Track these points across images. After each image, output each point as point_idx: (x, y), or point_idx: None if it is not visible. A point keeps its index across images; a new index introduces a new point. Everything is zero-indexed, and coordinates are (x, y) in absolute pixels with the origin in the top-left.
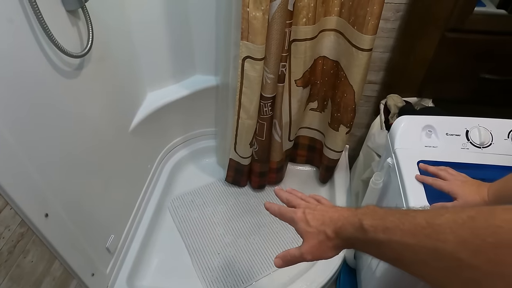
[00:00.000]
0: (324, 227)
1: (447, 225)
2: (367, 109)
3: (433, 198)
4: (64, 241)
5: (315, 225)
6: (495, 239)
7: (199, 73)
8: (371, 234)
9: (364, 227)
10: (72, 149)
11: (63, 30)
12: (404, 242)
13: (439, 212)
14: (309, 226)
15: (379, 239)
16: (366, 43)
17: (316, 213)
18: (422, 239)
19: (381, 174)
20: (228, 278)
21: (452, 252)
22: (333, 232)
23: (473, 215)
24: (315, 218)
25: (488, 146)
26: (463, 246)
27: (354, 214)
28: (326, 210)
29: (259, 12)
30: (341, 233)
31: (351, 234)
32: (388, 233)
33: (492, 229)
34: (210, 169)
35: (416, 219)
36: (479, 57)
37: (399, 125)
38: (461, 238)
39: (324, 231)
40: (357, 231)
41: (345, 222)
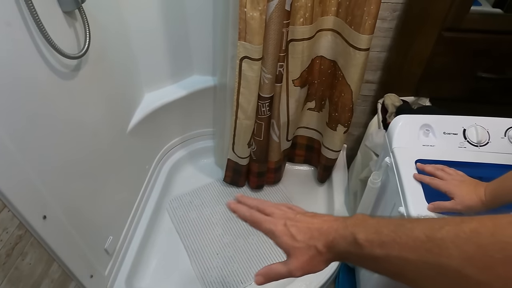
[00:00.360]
0: (313, 241)
1: (449, 240)
2: (364, 109)
3: (431, 197)
4: (62, 243)
5: (302, 240)
6: (503, 255)
7: (196, 74)
8: (367, 249)
9: (358, 241)
10: (70, 151)
11: (60, 31)
12: (403, 257)
13: (438, 224)
14: (295, 241)
15: (376, 254)
16: (363, 43)
17: (300, 225)
18: (424, 254)
19: (379, 174)
20: (227, 278)
21: (457, 268)
22: (324, 247)
23: (476, 228)
24: (301, 231)
25: (485, 145)
26: (470, 262)
27: (345, 226)
28: (310, 222)
29: (257, 12)
30: (333, 247)
31: (344, 249)
32: (386, 248)
33: (500, 245)
34: (208, 169)
35: (414, 232)
36: (475, 56)
37: (396, 124)
38: (467, 254)
39: (315, 245)
40: (350, 245)
41: (337, 235)
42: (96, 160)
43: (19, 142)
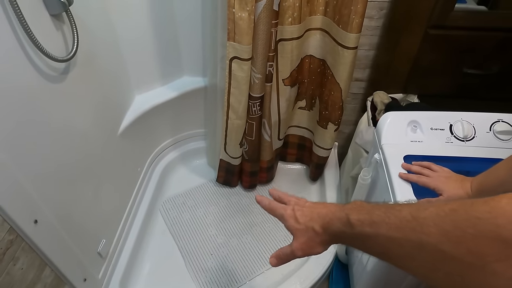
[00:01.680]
0: (312, 223)
1: (430, 218)
2: (354, 106)
3: (420, 193)
4: (54, 247)
5: (303, 222)
6: (475, 230)
7: (186, 75)
8: (358, 228)
9: (351, 221)
10: (60, 154)
11: (47, 34)
12: (390, 236)
13: (424, 205)
14: (298, 223)
15: (365, 233)
16: (351, 41)
17: (305, 209)
18: (408, 233)
19: (369, 170)
20: (222, 278)
21: (435, 244)
22: (320, 228)
23: (455, 207)
24: (304, 214)
25: (471, 139)
26: (446, 238)
27: (342, 209)
28: (314, 207)
29: (245, 13)
30: (328, 228)
31: (338, 229)
32: (375, 227)
33: (472, 220)
34: (200, 170)
35: (402, 212)
36: (461, 52)
37: (385, 121)
38: (444, 230)
39: (312, 227)
40: (344, 225)
41: (333, 217)
42: (87, 163)
43: (7, 147)
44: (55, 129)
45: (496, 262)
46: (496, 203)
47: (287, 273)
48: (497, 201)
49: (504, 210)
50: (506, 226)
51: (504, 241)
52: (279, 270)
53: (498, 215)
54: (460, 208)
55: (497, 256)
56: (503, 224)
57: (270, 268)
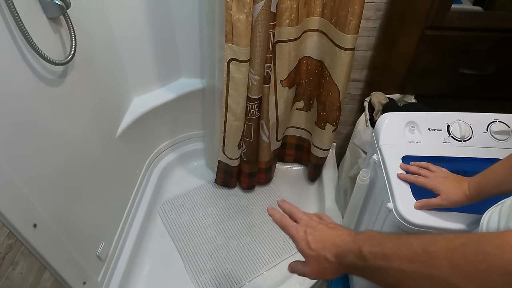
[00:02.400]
0: (324, 251)
1: (441, 252)
2: (352, 107)
3: (418, 194)
4: (53, 251)
5: (315, 249)
6: (485, 266)
7: (184, 77)
8: (370, 261)
9: (363, 254)
10: (58, 158)
11: (45, 37)
12: (402, 269)
13: (435, 239)
14: (310, 249)
15: (378, 266)
16: (348, 43)
17: (317, 234)
18: (419, 266)
19: (368, 171)
20: (221, 280)
21: (446, 278)
22: (333, 257)
23: (464, 241)
24: (316, 240)
25: (469, 140)
26: (456, 272)
27: (354, 240)
28: (327, 233)
29: (243, 15)
30: (341, 259)
31: (351, 261)
32: (387, 260)
33: (482, 256)
34: (199, 171)
35: (413, 245)
36: (458, 53)
37: (383, 122)
38: (454, 264)
39: (325, 256)
40: (356, 258)
41: (345, 248)
42: (86, 166)
43: (5, 151)
44: (53, 132)
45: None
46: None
47: (287, 274)
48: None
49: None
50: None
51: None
52: (279, 272)
53: (506, 251)
54: (470, 243)
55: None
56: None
57: (268, 270)
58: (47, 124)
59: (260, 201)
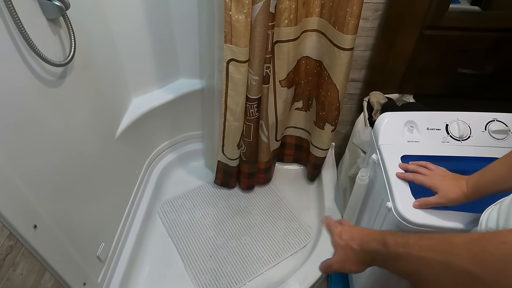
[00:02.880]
0: (352, 241)
1: (461, 242)
2: (351, 107)
3: (418, 193)
4: (54, 252)
5: (345, 239)
6: (500, 253)
7: (183, 77)
8: (392, 248)
9: (386, 241)
10: (58, 159)
11: (44, 39)
12: (421, 256)
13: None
14: (340, 239)
15: (398, 252)
16: (347, 43)
17: (350, 229)
18: (437, 254)
19: (367, 170)
20: (221, 280)
21: (462, 265)
22: (358, 246)
23: (483, 234)
24: (347, 233)
25: (467, 139)
26: (472, 260)
27: (380, 232)
28: (359, 229)
29: (242, 15)
30: (365, 247)
31: (373, 248)
32: (408, 247)
33: (498, 244)
34: (198, 172)
35: (434, 237)
36: (456, 52)
37: (382, 121)
38: (472, 252)
39: (351, 245)
40: (379, 245)
41: (370, 238)
42: (85, 167)
43: (5, 151)
44: (53, 134)
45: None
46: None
47: (286, 274)
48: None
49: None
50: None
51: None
52: (279, 271)
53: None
54: (488, 235)
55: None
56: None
57: (269, 269)
58: (47, 125)
59: (259, 201)
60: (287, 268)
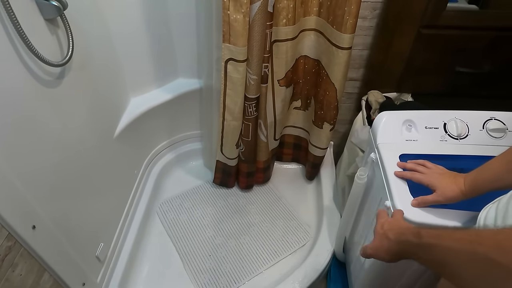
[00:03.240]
0: (389, 232)
1: (488, 234)
2: (349, 106)
3: (416, 191)
4: (52, 252)
5: (385, 229)
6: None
7: (181, 77)
8: (425, 239)
9: (421, 233)
10: (57, 159)
11: (42, 39)
12: (450, 246)
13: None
14: (381, 229)
15: (429, 243)
16: (345, 42)
17: (393, 221)
18: (465, 244)
19: (365, 169)
20: (220, 279)
21: (485, 253)
22: (393, 236)
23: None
24: (389, 223)
25: (465, 138)
26: (496, 247)
27: (417, 227)
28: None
29: (240, 15)
30: (399, 237)
31: (406, 238)
32: (439, 238)
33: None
34: (197, 171)
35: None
36: (454, 51)
37: (380, 120)
38: (496, 241)
39: (388, 235)
40: (413, 236)
41: (406, 230)
42: (84, 167)
43: (3, 152)
44: (51, 134)
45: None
46: None
47: (286, 273)
48: None
49: None
50: None
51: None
52: (278, 270)
53: None
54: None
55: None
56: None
57: (268, 268)
58: (45, 126)
59: (258, 201)
60: (286, 267)
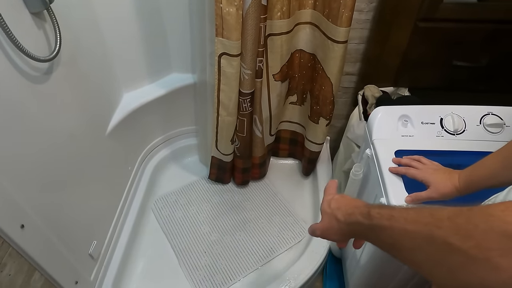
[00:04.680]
0: (337, 211)
1: (446, 214)
2: (346, 100)
3: (411, 187)
4: (43, 251)
5: (332, 207)
6: (485, 225)
7: (175, 72)
8: (376, 220)
9: (371, 213)
10: (46, 156)
11: (28, 33)
12: (404, 228)
13: (444, 207)
14: (328, 208)
15: (382, 225)
16: (341, 35)
17: (339, 199)
18: (421, 227)
19: (361, 165)
20: (216, 276)
21: (444, 236)
22: (342, 216)
23: (471, 207)
24: (336, 202)
25: (462, 133)
26: (456, 231)
27: (366, 205)
28: (348, 199)
29: (233, 8)
30: (349, 217)
31: (356, 219)
32: (393, 220)
33: (485, 216)
34: (192, 167)
35: (421, 210)
36: (451, 45)
37: (376, 116)
38: (456, 224)
39: (336, 215)
40: (363, 217)
41: (356, 210)
42: (75, 164)
43: None
44: (40, 131)
45: (500, 257)
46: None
47: (282, 269)
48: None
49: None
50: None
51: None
52: (273, 266)
53: (509, 214)
54: (476, 208)
55: (502, 251)
56: None
57: (264, 265)
58: (33, 123)
59: (254, 196)
60: (282, 263)
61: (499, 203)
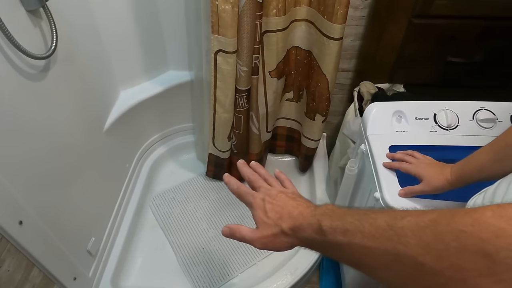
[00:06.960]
0: (281, 221)
1: (408, 228)
2: (342, 97)
3: (404, 182)
4: (41, 248)
5: (272, 217)
6: (458, 243)
7: (172, 69)
8: (330, 236)
9: (322, 228)
10: (43, 153)
11: (24, 31)
12: (364, 245)
13: (400, 214)
14: (266, 217)
15: (338, 241)
16: (336, 32)
17: (275, 203)
18: (384, 242)
19: (356, 161)
20: (213, 271)
21: (414, 256)
22: (290, 230)
23: (435, 218)
24: (274, 210)
25: (455, 128)
26: (426, 250)
27: (313, 214)
28: (286, 203)
29: (228, 5)
30: (298, 232)
31: (308, 235)
32: (348, 235)
33: (455, 233)
34: (190, 164)
35: (377, 221)
36: (445, 41)
37: (370, 112)
38: (424, 242)
39: (281, 226)
40: (315, 232)
41: (304, 222)
42: (72, 162)
43: None
44: (37, 128)
45: (479, 277)
46: (480, 216)
47: (278, 264)
48: (480, 213)
49: (488, 224)
50: (491, 240)
51: (488, 256)
52: (270, 262)
53: (482, 229)
54: (441, 219)
55: (480, 271)
56: (487, 238)
57: (261, 260)
58: (31, 120)
59: None
60: (279, 258)
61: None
